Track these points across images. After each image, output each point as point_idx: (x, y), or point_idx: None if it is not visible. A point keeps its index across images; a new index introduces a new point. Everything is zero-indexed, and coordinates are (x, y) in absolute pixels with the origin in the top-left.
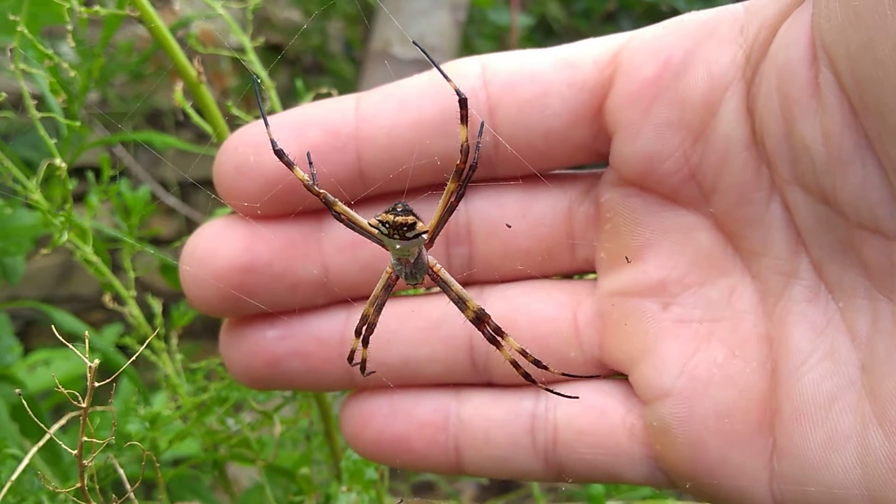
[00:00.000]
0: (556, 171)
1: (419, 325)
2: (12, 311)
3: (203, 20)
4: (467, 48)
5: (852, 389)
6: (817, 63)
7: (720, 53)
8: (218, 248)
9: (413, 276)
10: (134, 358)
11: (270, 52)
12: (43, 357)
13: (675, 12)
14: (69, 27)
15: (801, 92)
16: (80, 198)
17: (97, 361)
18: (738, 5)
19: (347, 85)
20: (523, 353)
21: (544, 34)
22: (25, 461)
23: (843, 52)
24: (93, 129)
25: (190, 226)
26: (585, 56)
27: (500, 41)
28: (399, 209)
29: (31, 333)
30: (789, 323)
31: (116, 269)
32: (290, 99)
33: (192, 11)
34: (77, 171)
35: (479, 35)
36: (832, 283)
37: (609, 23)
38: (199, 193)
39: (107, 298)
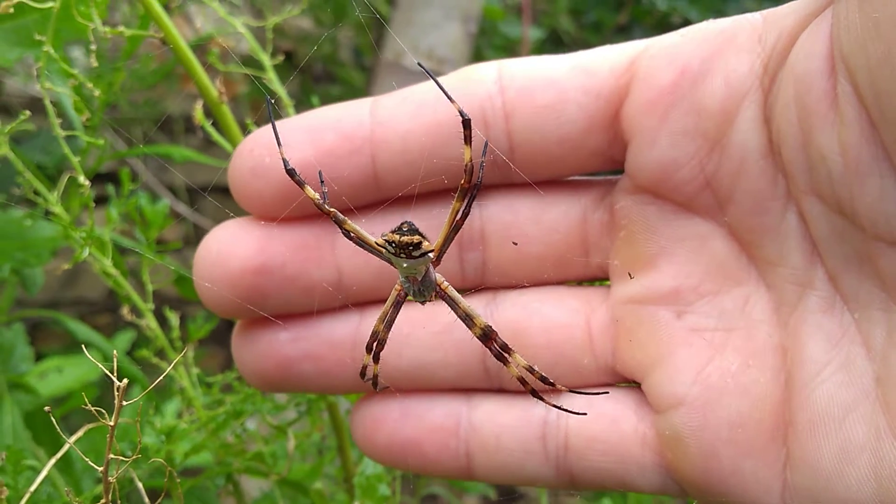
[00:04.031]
0: (571, 178)
1: (431, 329)
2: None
3: (218, 35)
4: (479, 60)
5: (867, 401)
6: (836, 74)
7: (738, 62)
8: (232, 249)
9: (421, 294)
10: (162, 377)
11: (281, 60)
12: (54, 364)
13: (687, 23)
14: (93, 47)
15: (819, 103)
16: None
17: (126, 381)
18: (756, 14)
19: (357, 93)
20: (530, 369)
21: (555, 46)
22: (44, 472)
23: (863, 64)
24: (105, 137)
25: (198, 232)
26: (602, 63)
27: (511, 53)
28: (405, 229)
29: (36, 337)
30: (804, 333)
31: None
32: (301, 107)
33: (208, 24)
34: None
35: (490, 47)
36: (848, 294)
37: (621, 35)
38: (206, 199)
39: (125, 311)
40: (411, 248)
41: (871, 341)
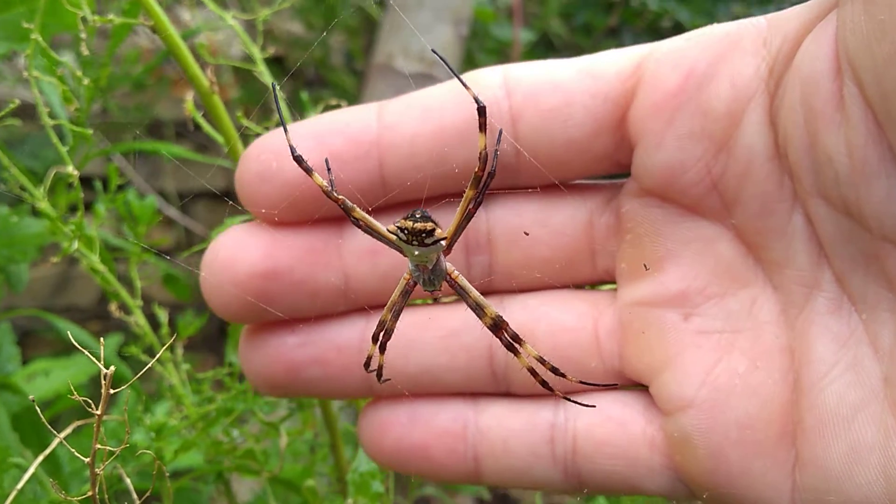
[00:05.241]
0: (578, 181)
1: (438, 333)
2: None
3: (209, 31)
4: (470, 63)
5: (875, 401)
6: (841, 76)
7: (743, 65)
8: (239, 254)
9: (431, 283)
10: (147, 368)
11: (273, 65)
12: (42, 367)
13: (678, 26)
14: (83, 35)
15: (826, 104)
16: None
17: (113, 368)
18: (761, 18)
19: (349, 97)
20: (541, 360)
21: (546, 49)
22: (31, 470)
23: (869, 66)
24: (94, 140)
25: (189, 236)
26: (608, 67)
27: (502, 56)
28: (418, 216)
29: (27, 343)
30: (812, 334)
31: (118, 279)
32: (293, 111)
33: (200, 22)
34: (80, 181)
35: (481, 50)
36: (855, 295)
37: (611, 37)
38: (198, 204)
39: (113, 307)
40: (424, 234)
41: (879, 342)
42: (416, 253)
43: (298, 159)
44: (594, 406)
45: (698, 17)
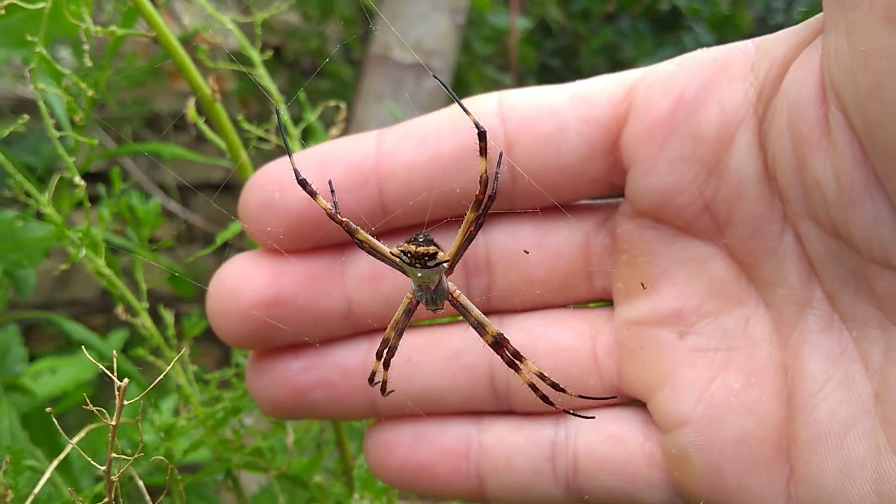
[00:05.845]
0: (573, 203)
1: (440, 355)
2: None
3: (206, 31)
4: (467, 51)
5: (867, 418)
6: (827, 103)
7: (732, 91)
8: (243, 283)
9: (433, 302)
10: (161, 376)
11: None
12: (48, 365)
13: (675, 11)
14: (86, 47)
15: (812, 130)
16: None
17: (127, 381)
18: (749, 43)
19: (346, 87)
20: (541, 376)
21: (543, 35)
22: (47, 475)
23: (852, 94)
24: (93, 135)
25: (189, 229)
26: (601, 92)
27: (499, 43)
28: (421, 239)
29: (31, 338)
30: (804, 352)
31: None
32: (288, 102)
33: (195, 19)
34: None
35: (478, 38)
36: (845, 314)
37: (608, 23)
38: (197, 196)
39: (120, 310)
40: (427, 258)
41: (870, 359)
42: (420, 274)
43: (303, 183)
44: (594, 417)
45: (695, 2)
